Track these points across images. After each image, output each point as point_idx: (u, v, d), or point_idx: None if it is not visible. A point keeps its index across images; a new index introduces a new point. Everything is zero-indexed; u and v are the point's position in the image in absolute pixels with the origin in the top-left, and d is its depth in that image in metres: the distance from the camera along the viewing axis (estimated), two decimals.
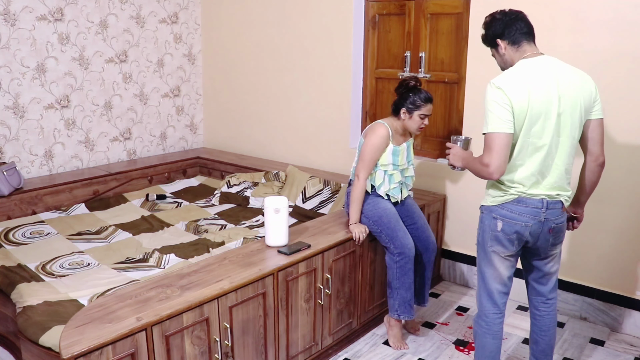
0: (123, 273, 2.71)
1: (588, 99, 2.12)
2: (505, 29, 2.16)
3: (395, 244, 2.83)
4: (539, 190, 2.13)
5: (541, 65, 2.10)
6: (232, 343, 2.30)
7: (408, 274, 2.85)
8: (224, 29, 4.68)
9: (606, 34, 2.92)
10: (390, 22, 3.84)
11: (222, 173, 4.45)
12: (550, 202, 2.14)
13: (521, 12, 2.22)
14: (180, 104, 4.82)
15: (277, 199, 2.59)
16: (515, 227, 2.15)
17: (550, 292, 2.36)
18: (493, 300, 2.28)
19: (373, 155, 2.82)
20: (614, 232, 3.08)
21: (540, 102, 2.05)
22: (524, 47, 2.16)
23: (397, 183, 2.92)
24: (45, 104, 3.86)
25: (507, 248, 2.20)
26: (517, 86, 2.05)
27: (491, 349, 2.33)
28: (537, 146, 2.09)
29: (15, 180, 3.49)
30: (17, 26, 3.64)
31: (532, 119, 2.06)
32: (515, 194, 2.14)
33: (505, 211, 2.16)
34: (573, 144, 2.14)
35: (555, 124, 2.07)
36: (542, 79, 2.07)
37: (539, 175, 2.12)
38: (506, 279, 2.27)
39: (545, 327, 2.39)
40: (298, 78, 4.24)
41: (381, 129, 2.83)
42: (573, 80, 2.09)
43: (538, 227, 2.15)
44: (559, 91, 2.07)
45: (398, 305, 2.88)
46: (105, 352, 1.87)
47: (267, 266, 2.45)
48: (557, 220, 2.17)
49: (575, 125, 2.11)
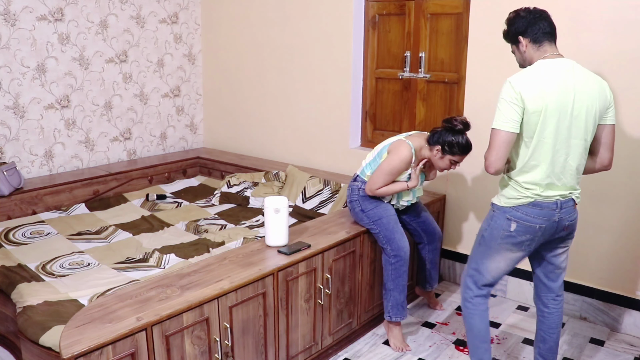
0: (123, 273, 2.71)
1: (603, 104, 2.14)
2: (529, 27, 2.18)
3: (392, 245, 2.83)
4: (554, 192, 2.17)
5: (559, 67, 2.12)
6: (232, 343, 2.30)
7: (402, 276, 2.86)
8: (224, 29, 4.68)
9: (606, 34, 2.92)
10: (390, 22, 3.84)
11: (222, 173, 4.45)
12: (564, 201, 2.19)
13: (545, 11, 2.22)
14: (180, 104, 4.82)
15: (277, 199, 2.59)
16: (529, 229, 2.20)
17: (559, 288, 2.41)
18: (479, 286, 2.38)
19: (389, 176, 2.80)
20: (614, 232, 3.08)
21: (555, 103, 2.07)
22: (544, 47, 2.17)
23: (406, 200, 2.95)
24: (45, 104, 3.86)
25: (518, 248, 2.25)
26: (533, 86, 2.07)
27: (480, 329, 2.40)
28: (551, 147, 2.12)
29: (16, 180, 3.50)
30: (17, 26, 3.65)
31: (547, 120, 2.08)
32: (531, 196, 2.17)
33: (520, 213, 2.19)
34: (586, 146, 2.17)
35: (569, 126, 2.10)
36: (559, 80, 2.09)
37: (554, 176, 2.15)
38: (502, 273, 2.34)
39: (554, 325, 2.43)
40: (298, 78, 4.24)
41: (405, 150, 2.76)
42: (590, 85, 2.11)
43: (552, 227, 2.21)
44: (574, 94, 2.09)
45: (391, 307, 2.90)
46: (105, 352, 1.87)
47: (267, 266, 2.45)
48: (570, 217, 2.24)
49: (589, 129, 2.14)
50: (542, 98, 2.06)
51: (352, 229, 2.91)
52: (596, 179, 3.04)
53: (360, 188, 2.92)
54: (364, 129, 4.08)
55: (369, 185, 2.85)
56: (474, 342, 2.43)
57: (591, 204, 3.12)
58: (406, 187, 2.82)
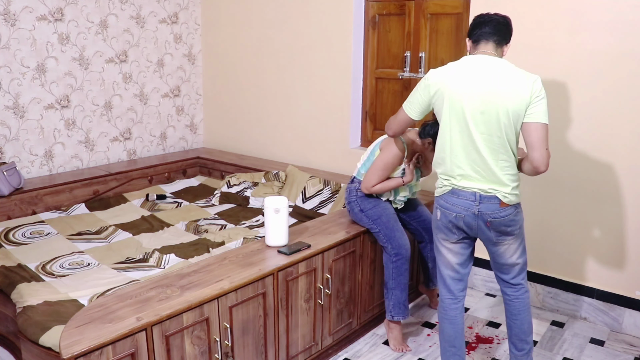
0: (123, 273, 2.71)
1: (519, 103, 2.12)
2: (472, 30, 2.27)
3: (392, 244, 2.83)
4: (471, 183, 2.22)
5: (476, 63, 2.19)
6: (232, 343, 2.30)
7: (404, 275, 2.86)
8: (224, 29, 4.68)
9: (606, 34, 2.92)
10: (390, 22, 3.84)
11: (222, 173, 4.45)
12: (484, 195, 2.21)
13: (501, 17, 2.25)
14: (180, 104, 4.82)
15: (277, 199, 2.59)
16: (448, 216, 2.29)
17: (512, 278, 2.40)
18: (447, 286, 2.43)
19: (383, 172, 2.82)
20: (614, 232, 3.08)
21: (460, 96, 2.15)
22: (479, 47, 2.25)
23: (402, 196, 2.95)
24: (45, 104, 3.86)
25: (448, 235, 2.34)
26: (443, 79, 2.20)
27: (449, 333, 2.44)
28: (458, 140, 2.19)
29: (15, 180, 3.50)
30: (17, 26, 3.65)
31: (452, 113, 2.18)
32: (449, 185, 2.28)
33: (443, 201, 2.31)
34: (501, 143, 2.16)
35: (477, 120, 2.14)
36: (469, 75, 2.16)
37: (467, 168, 2.20)
38: (455, 265, 2.39)
39: (515, 311, 2.43)
40: (298, 78, 4.24)
41: (398, 147, 2.79)
42: (506, 82, 2.12)
43: (472, 220, 2.25)
44: (484, 90, 2.13)
45: (392, 306, 2.89)
46: (105, 352, 1.87)
47: (267, 266, 2.45)
48: (494, 215, 2.22)
49: (502, 127, 2.13)
50: (449, 91, 2.17)
51: (352, 229, 2.91)
52: (596, 179, 3.04)
53: (357, 189, 2.93)
54: (364, 129, 4.08)
55: (364, 183, 2.86)
56: (443, 345, 2.48)
57: (591, 204, 3.12)
58: (402, 182, 2.83)
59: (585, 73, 3.00)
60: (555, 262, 3.28)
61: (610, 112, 2.98)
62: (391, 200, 2.96)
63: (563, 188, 3.18)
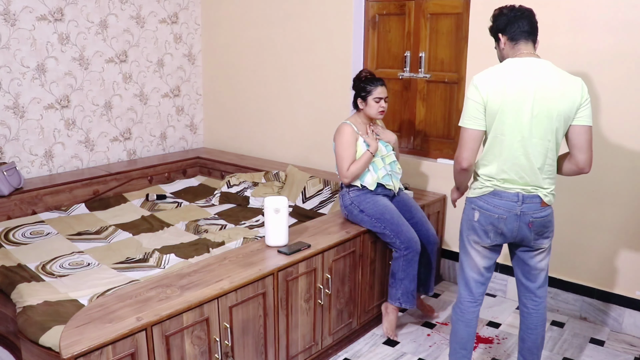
0: (123, 273, 2.71)
1: (569, 106, 2.11)
2: (508, 25, 2.21)
3: (401, 239, 2.84)
4: (514, 186, 2.19)
5: (525, 66, 2.14)
6: (232, 343, 2.30)
7: (413, 266, 2.88)
8: (224, 29, 4.68)
9: (606, 34, 2.92)
10: (390, 22, 3.84)
11: (222, 173, 4.45)
12: (527, 195, 2.19)
13: (528, 10, 2.22)
14: (180, 104, 4.82)
15: (277, 199, 2.59)
16: (490, 218, 2.23)
17: (538, 288, 2.38)
18: (469, 288, 2.38)
19: (347, 152, 2.88)
20: (614, 232, 3.08)
21: (513, 102, 2.11)
22: (519, 46, 2.20)
23: (383, 169, 2.95)
24: (45, 104, 3.86)
25: (482, 238, 2.28)
26: (493, 84, 2.13)
27: (462, 335, 2.41)
28: (507, 144, 2.15)
29: (15, 180, 3.50)
30: (17, 26, 3.64)
31: (503, 118, 2.13)
32: (490, 186, 2.23)
33: (482, 202, 2.25)
34: (549, 146, 2.15)
35: (529, 125, 2.11)
36: (520, 79, 2.11)
37: (512, 172, 2.17)
38: (482, 268, 2.34)
39: (533, 325, 2.41)
40: (298, 78, 4.24)
41: (343, 126, 2.94)
42: (554, 86, 2.11)
43: (514, 221, 2.21)
44: (535, 94, 2.10)
45: (401, 294, 2.90)
46: (105, 352, 1.87)
47: (267, 266, 2.45)
48: (535, 214, 2.21)
49: (551, 130, 2.12)
50: (501, 96, 2.11)
51: (352, 229, 2.91)
52: (596, 179, 3.04)
53: (349, 191, 2.94)
54: None
55: (339, 172, 2.92)
56: (454, 347, 2.45)
57: (591, 204, 3.12)
58: (370, 154, 2.88)
59: (585, 73, 2.99)
60: (555, 262, 3.27)
61: (609, 112, 2.98)
62: (383, 184, 2.95)
63: (563, 188, 3.18)
